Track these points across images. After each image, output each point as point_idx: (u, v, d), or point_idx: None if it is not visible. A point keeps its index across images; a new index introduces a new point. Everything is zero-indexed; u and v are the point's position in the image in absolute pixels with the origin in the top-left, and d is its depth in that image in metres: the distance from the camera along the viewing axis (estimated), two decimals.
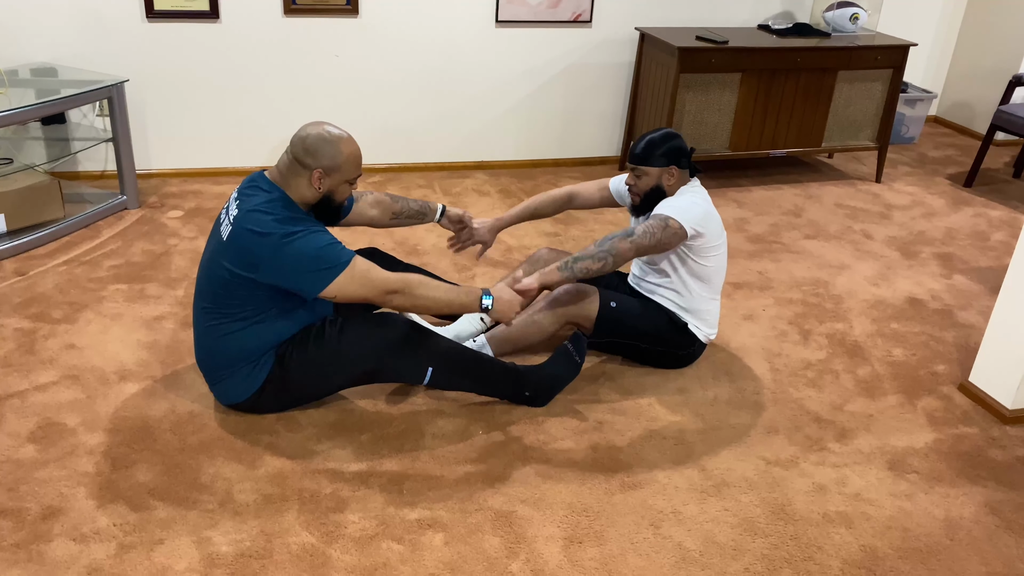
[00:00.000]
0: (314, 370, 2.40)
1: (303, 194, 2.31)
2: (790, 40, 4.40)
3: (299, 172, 2.28)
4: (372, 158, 4.51)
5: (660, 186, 2.67)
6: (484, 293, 2.43)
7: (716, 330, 2.86)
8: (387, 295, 2.31)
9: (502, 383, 2.58)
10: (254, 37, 4.07)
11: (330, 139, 2.27)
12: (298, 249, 2.22)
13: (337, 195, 2.35)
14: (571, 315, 2.68)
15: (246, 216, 2.24)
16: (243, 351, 2.36)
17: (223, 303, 2.32)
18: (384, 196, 2.77)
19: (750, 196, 4.47)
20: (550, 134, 4.72)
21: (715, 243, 2.68)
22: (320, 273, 2.23)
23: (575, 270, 2.55)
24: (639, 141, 2.67)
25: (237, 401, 2.45)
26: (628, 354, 2.87)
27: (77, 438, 2.38)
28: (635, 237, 2.55)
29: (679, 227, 2.57)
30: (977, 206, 4.50)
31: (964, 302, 3.48)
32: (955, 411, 2.76)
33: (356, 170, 2.34)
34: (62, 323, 2.93)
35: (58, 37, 3.84)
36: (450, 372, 2.48)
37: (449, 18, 4.28)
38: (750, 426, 2.62)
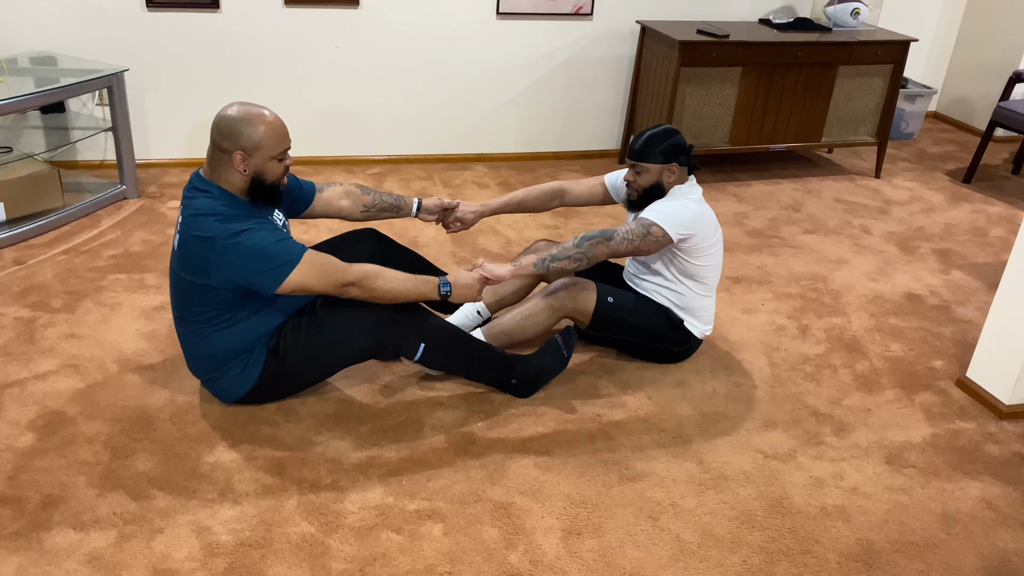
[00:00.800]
0: (311, 355, 2.40)
1: (233, 182, 2.24)
2: (791, 34, 4.40)
3: (222, 159, 2.21)
4: (371, 149, 4.50)
5: (660, 183, 2.66)
6: (442, 281, 2.42)
7: (711, 326, 2.86)
8: (344, 287, 2.28)
9: (491, 368, 2.58)
10: (254, 27, 4.06)
11: (243, 117, 2.18)
12: (246, 248, 2.18)
13: (268, 175, 2.25)
14: (568, 309, 2.68)
15: (189, 222, 2.22)
16: (229, 351, 2.36)
17: (193, 310, 2.31)
18: (354, 187, 2.69)
19: (749, 190, 4.48)
20: (550, 127, 4.72)
21: (707, 243, 2.66)
22: (273, 271, 2.19)
23: (550, 269, 2.54)
24: (639, 137, 2.65)
25: (236, 398, 2.45)
26: (623, 348, 2.88)
27: (77, 427, 2.38)
28: (613, 242, 2.53)
29: (662, 235, 2.55)
30: (976, 202, 4.51)
31: (962, 298, 3.49)
32: (952, 406, 2.78)
33: (279, 144, 2.24)
34: (61, 312, 2.93)
35: (58, 26, 3.83)
36: (442, 350, 2.48)
37: (450, 9, 4.27)
38: (748, 420, 2.63)
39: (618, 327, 2.74)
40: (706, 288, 2.76)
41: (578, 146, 4.82)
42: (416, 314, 2.43)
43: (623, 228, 2.56)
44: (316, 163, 4.42)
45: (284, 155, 2.27)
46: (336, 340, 2.39)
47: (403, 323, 2.40)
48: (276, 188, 2.30)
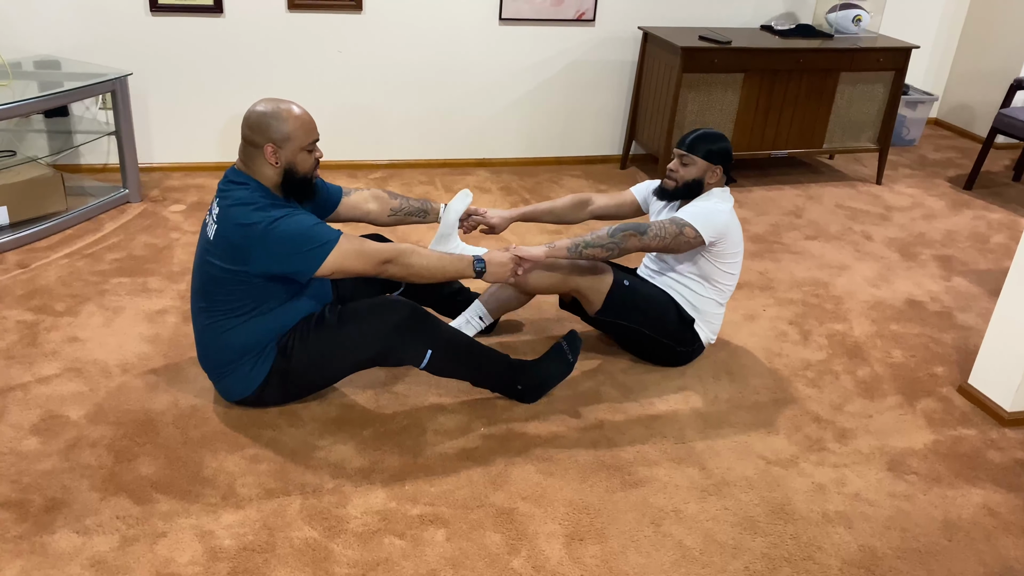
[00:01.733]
0: (318, 358, 2.40)
1: (267, 175, 2.30)
2: (793, 41, 4.41)
3: (254, 154, 2.28)
4: (374, 154, 4.51)
5: (701, 180, 2.70)
6: (476, 258, 2.45)
7: (716, 336, 2.89)
8: (382, 265, 2.32)
9: (497, 373, 2.59)
10: (257, 32, 4.07)
11: (271, 111, 2.25)
12: (285, 232, 2.22)
13: (299, 166, 2.31)
14: (582, 285, 2.66)
15: (228, 211, 2.26)
16: (244, 346, 2.37)
17: (219, 300, 2.33)
18: (383, 192, 2.75)
19: (751, 196, 4.48)
20: (552, 132, 4.73)
21: (733, 251, 2.71)
22: (312, 252, 2.24)
23: (583, 254, 2.57)
24: (693, 132, 2.72)
25: (242, 397, 2.46)
26: (627, 340, 2.85)
27: (80, 431, 2.38)
28: (647, 236, 2.57)
29: (695, 235, 2.60)
30: (977, 209, 4.52)
31: (963, 304, 3.49)
32: (954, 413, 2.78)
33: (308, 135, 2.30)
34: (64, 316, 2.94)
35: (62, 30, 3.84)
36: (448, 357, 2.49)
37: (453, 15, 4.28)
38: (750, 425, 2.63)
39: (629, 313, 2.73)
40: (721, 295, 2.79)
41: (580, 151, 4.82)
42: (423, 321, 2.44)
43: (658, 224, 2.59)
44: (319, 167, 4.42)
45: (313, 146, 2.33)
46: (344, 344, 2.39)
47: (410, 330, 2.41)
48: (308, 180, 2.36)
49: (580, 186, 4.47)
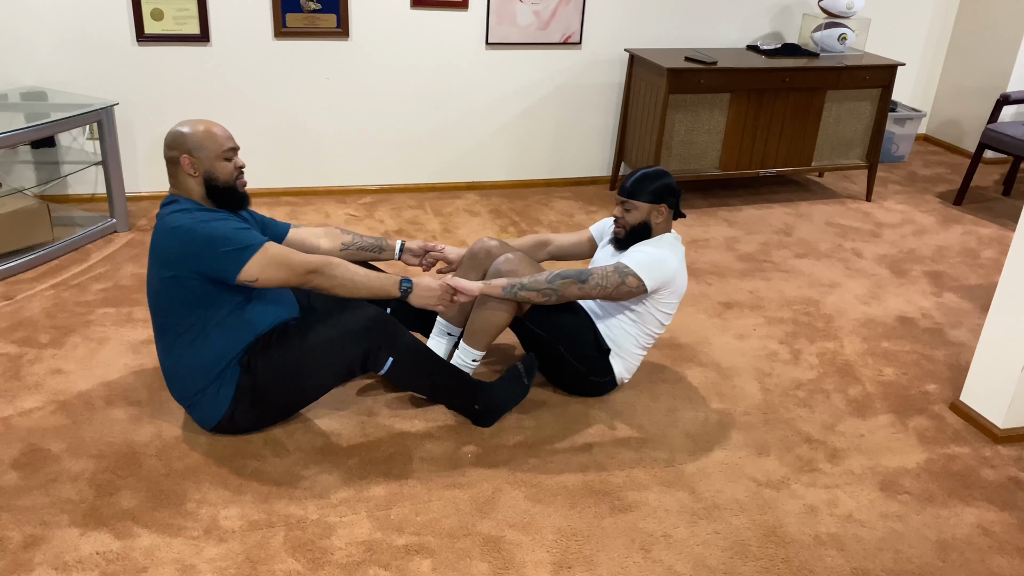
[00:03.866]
0: (284, 371, 2.38)
1: (191, 187, 2.35)
2: (779, 60, 4.43)
3: (175, 170, 2.34)
4: (363, 179, 4.51)
5: (648, 222, 2.64)
6: (403, 278, 2.44)
7: (631, 376, 2.80)
8: (306, 275, 2.32)
9: (456, 389, 2.58)
10: (245, 60, 4.08)
11: (182, 127, 2.34)
12: (209, 233, 2.26)
13: (218, 174, 2.35)
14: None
15: (162, 222, 2.33)
16: (203, 367, 2.36)
17: (166, 316, 2.35)
18: (336, 228, 2.78)
19: (740, 215, 4.48)
20: (541, 155, 4.74)
21: (671, 300, 2.65)
22: (234, 254, 2.25)
23: (518, 296, 2.53)
24: (632, 175, 2.65)
25: (214, 423, 2.44)
26: (543, 355, 2.73)
27: (61, 464, 2.35)
28: (587, 285, 2.52)
29: (638, 284, 2.54)
30: (967, 224, 4.51)
31: (955, 320, 3.48)
32: (946, 430, 2.75)
33: (220, 143, 2.35)
34: (48, 347, 2.91)
35: (48, 61, 3.84)
36: (410, 366, 2.48)
37: (439, 41, 4.30)
38: (741, 447, 2.61)
39: (549, 325, 2.64)
40: (643, 338, 2.71)
41: (569, 173, 4.83)
42: (387, 327, 2.43)
43: (600, 272, 2.54)
44: (308, 194, 4.42)
45: (230, 154, 2.37)
46: (309, 354, 2.38)
47: (374, 334, 2.41)
48: (233, 189, 2.39)
49: (570, 208, 4.46)
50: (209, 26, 3.96)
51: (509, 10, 4.31)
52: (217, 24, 3.98)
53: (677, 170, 4.40)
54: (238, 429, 2.47)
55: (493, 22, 4.31)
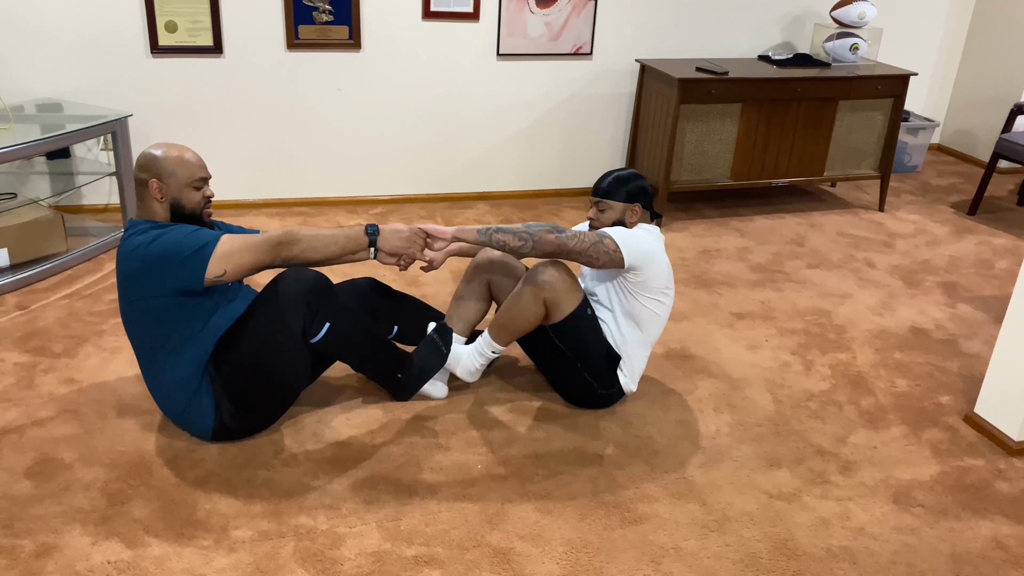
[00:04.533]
0: (243, 363, 2.38)
1: (155, 211, 2.35)
2: (790, 70, 4.42)
3: (142, 193, 2.34)
4: (374, 189, 4.53)
5: (622, 221, 2.66)
6: (368, 224, 2.43)
7: (636, 385, 2.77)
8: (274, 249, 2.28)
9: (383, 361, 2.59)
10: (257, 71, 4.11)
11: (156, 150, 2.33)
12: (165, 243, 2.25)
13: (185, 202, 2.34)
14: (550, 301, 2.55)
15: (120, 253, 2.33)
16: (181, 382, 2.38)
17: (141, 338, 2.36)
18: None
19: (752, 225, 4.47)
20: (551, 165, 4.74)
21: (658, 286, 2.62)
22: (193, 257, 2.24)
23: (493, 239, 2.49)
24: (605, 177, 2.67)
25: (210, 433, 2.46)
26: (552, 367, 2.73)
27: (73, 473, 2.37)
28: (564, 235, 2.48)
29: (615, 249, 2.51)
30: (981, 234, 4.48)
31: (968, 331, 3.45)
32: (960, 443, 2.73)
33: (193, 171, 2.34)
34: (62, 357, 2.93)
35: (63, 72, 3.89)
36: (345, 333, 2.46)
37: (451, 52, 4.32)
38: (752, 459, 2.59)
39: (574, 340, 2.62)
40: (643, 337, 2.69)
41: (579, 183, 4.83)
42: (325, 293, 2.41)
43: (576, 228, 2.54)
44: (319, 203, 4.44)
45: (200, 183, 2.37)
46: (258, 333, 2.37)
47: (312, 300, 2.38)
48: (198, 218, 2.39)
49: (580, 218, 4.46)
50: (222, 38, 4.00)
51: (520, 21, 4.32)
52: (230, 36, 4.01)
53: (688, 180, 4.39)
54: (238, 433, 2.49)
55: (504, 33, 4.33)
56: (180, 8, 3.89)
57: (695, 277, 3.82)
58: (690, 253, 4.08)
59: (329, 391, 2.78)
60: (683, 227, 4.40)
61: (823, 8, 4.81)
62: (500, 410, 2.74)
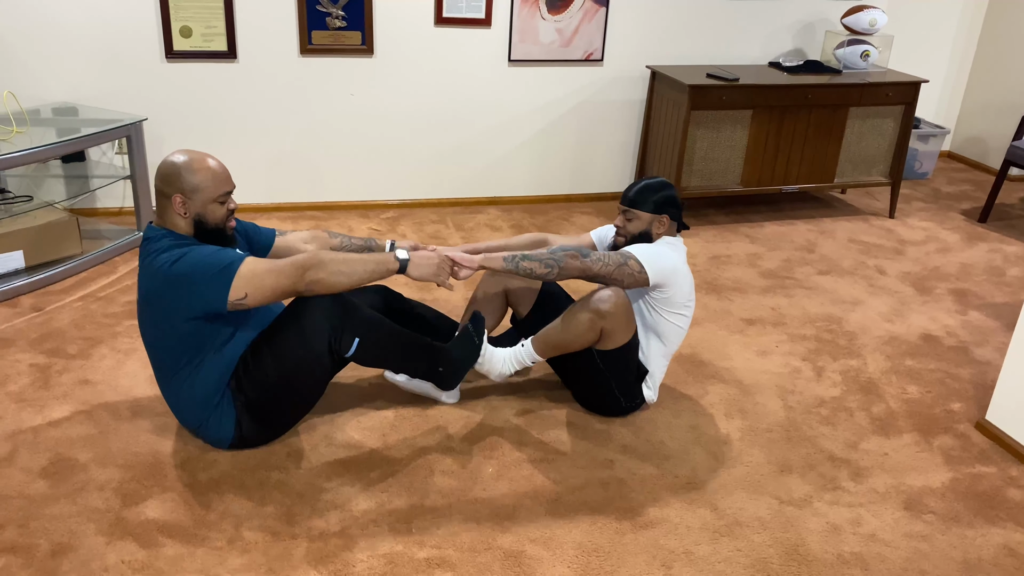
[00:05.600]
0: (269, 383, 2.37)
1: (178, 225, 2.30)
2: (801, 77, 4.43)
3: (165, 205, 2.28)
4: (386, 194, 4.55)
5: (649, 232, 2.63)
6: (398, 250, 2.41)
7: (656, 394, 2.77)
8: (300, 273, 2.23)
9: (422, 358, 2.56)
10: (271, 76, 4.14)
11: (181, 162, 2.26)
12: (187, 264, 2.21)
13: (209, 217, 2.30)
14: (608, 329, 2.52)
15: (142, 264, 2.29)
16: (200, 400, 2.37)
17: (160, 355, 2.35)
18: (321, 232, 2.71)
19: (763, 231, 4.47)
20: (562, 170, 4.76)
21: (680, 301, 2.62)
22: (217, 277, 2.20)
23: (520, 267, 2.48)
24: (634, 185, 2.65)
25: (227, 445, 2.46)
26: (583, 381, 2.73)
27: (88, 474, 2.38)
28: (588, 260, 2.49)
29: (639, 269, 2.51)
30: (992, 241, 4.47)
31: (980, 338, 3.44)
32: (972, 450, 2.72)
33: (219, 186, 2.29)
34: (77, 358, 2.96)
35: (79, 77, 3.92)
36: (376, 343, 2.44)
37: (463, 58, 4.34)
38: (763, 464, 2.59)
39: (620, 367, 2.64)
40: (666, 350, 2.70)
41: (590, 189, 4.84)
42: (350, 310, 2.39)
43: (601, 252, 2.53)
44: (332, 208, 4.47)
45: (225, 198, 2.32)
46: (285, 355, 2.36)
47: (336, 319, 2.37)
48: (221, 231, 2.34)
49: (591, 223, 4.47)
50: (236, 43, 4.03)
51: (532, 27, 4.34)
52: (244, 41, 4.04)
53: (698, 186, 4.40)
54: (255, 443, 2.50)
55: (515, 39, 4.35)
56: (195, 13, 3.92)
57: (706, 283, 3.82)
58: (701, 259, 4.08)
59: (341, 394, 2.80)
60: (694, 233, 4.40)
61: (834, 15, 4.82)
62: (511, 413, 2.75)
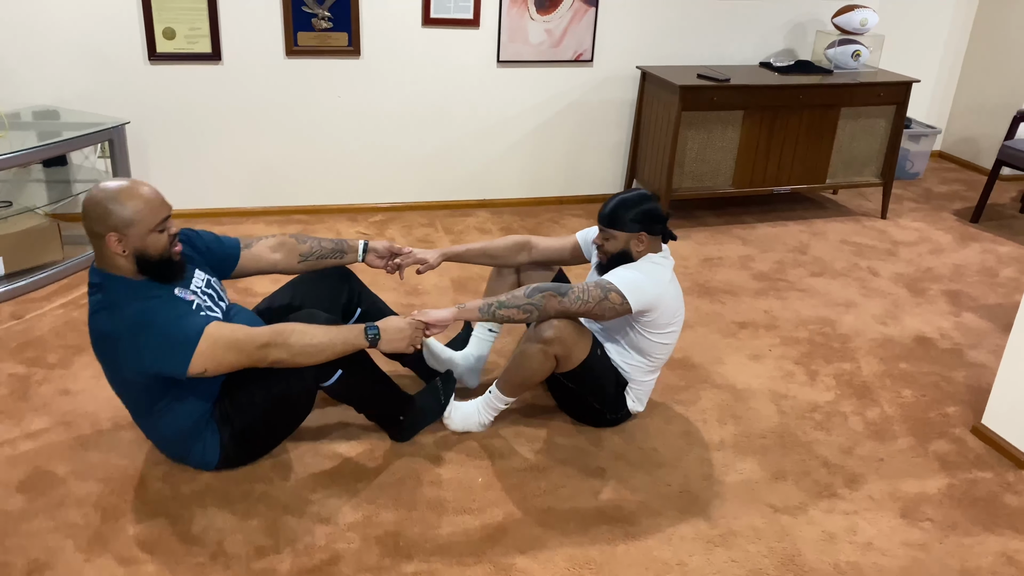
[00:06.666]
0: (255, 409, 2.30)
1: (119, 266, 2.10)
2: (792, 77, 4.39)
3: (100, 246, 2.08)
4: (374, 197, 4.49)
5: (628, 251, 2.50)
6: (368, 325, 2.27)
7: (644, 405, 2.72)
8: (261, 350, 2.11)
9: (389, 405, 2.50)
10: (256, 79, 4.08)
11: (107, 195, 2.04)
12: (146, 332, 2.05)
13: (151, 250, 2.09)
14: (562, 354, 2.46)
15: (90, 322, 2.14)
16: (181, 433, 2.29)
17: (130, 400, 2.27)
18: (288, 238, 2.54)
19: (755, 233, 4.43)
20: (553, 172, 4.71)
21: (666, 321, 2.52)
22: (176, 350, 2.06)
23: (496, 316, 2.40)
24: (610, 201, 2.50)
25: (211, 468, 2.39)
26: (561, 397, 2.70)
27: (67, 487, 2.32)
28: (567, 298, 2.38)
29: (621, 302, 2.40)
30: (985, 242, 4.45)
31: (974, 340, 3.41)
32: (968, 455, 2.69)
33: (155, 214, 2.08)
34: (57, 368, 2.89)
35: (61, 79, 3.85)
36: (356, 377, 2.36)
37: (451, 59, 4.29)
38: (757, 472, 2.55)
39: (588, 382, 2.56)
40: (652, 365, 2.63)
41: (581, 190, 4.80)
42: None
43: (580, 286, 2.42)
44: (319, 211, 4.41)
45: (164, 224, 2.12)
46: (268, 385, 2.28)
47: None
48: (168, 261, 2.15)
49: (582, 225, 4.43)
50: (221, 45, 3.97)
51: (521, 28, 4.30)
52: (229, 43, 3.98)
53: (690, 187, 4.36)
54: (241, 464, 2.43)
55: (504, 40, 4.30)
56: (178, 15, 3.86)
57: (698, 286, 3.78)
58: (692, 261, 4.04)
59: (328, 404, 2.74)
60: (685, 235, 4.36)
61: (825, 14, 4.79)
62: (500, 422, 2.70)
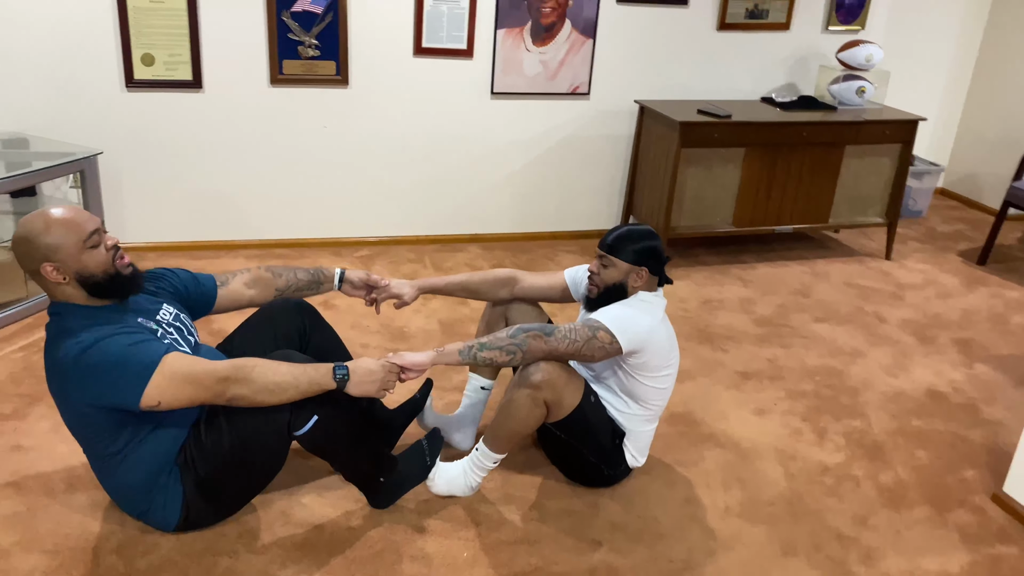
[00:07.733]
0: (223, 458, 2.10)
1: (67, 294, 2.01)
2: (795, 114, 4.25)
3: (42, 281, 1.99)
4: (361, 231, 4.31)
5: (624, 284, 2.35)
6: (336, 365, 2.10)
7: (645, 457, 2.54)
8: (220, 384, 1.97)
9: (368, 460, 2.29)
10: (239, 107, 3.91)
11: (28, 230, 1.95)
12: (98, 358, 1.93)
13: (92, 267, 1.99)
14: (552, 399, 2.30)
15: (45, 353, 2.03)
16: (142, 482, 2.10)
17: (88, 443, 2.09)
18: (264, 272, 2.43)
19: (755, 273, 4.27)
20: (547, 207, 4.54)
21: (659, 364, 2.37)
22: (129, 379, 1.93)
23: (478, 358, 2.24)
24: (616, 229, 2.38)
25: (173, 528, 2.19)
26: (555, 452, 2.53)
27: (9, 561, 2.11)
28: (553, 339, 2.24)
29: (610, 341, 2.25)
30: (992, 286, 4.30)
31: (988, 395, 3.24)
32: (990, 526, 2.51)
33: (79, 231, 1.97)
34: (11, 419, 2.68)
35: (31, 106, 3.67)
36: (332, 426, 2.14)
37: (442, 90, 4.13)
38: (765, 544, 2.36)
39: (582, 431, 2.39)
40: (649, 413, 2.45)
41: (575, 226, 4.63)
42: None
43: (567, 326, 2.26)
44: (303, 246, 4.22)
45: (95, 238, 2.00)
46: (238, 429, 2.08)
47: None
48: (116, 276, 2.03)
49: (576, 262, 4.24)
50: (202, 72, 3.80)
51: (516, 59, 4.14)
52: (210, 70, 3.81)
53: (688, 226, 4.20)
54: (201, 526, 2.23)
55: (499, 71, 4.15)
56: (158, 40, 3.69)
57: (698, 331, 3.60)
58: (692, 303, 3.87)
59: (301, 464, 2.54)
60: (684, 275, 4.19)
61: (828, 49, 4.66)
62: (489, 486, 2.50)
